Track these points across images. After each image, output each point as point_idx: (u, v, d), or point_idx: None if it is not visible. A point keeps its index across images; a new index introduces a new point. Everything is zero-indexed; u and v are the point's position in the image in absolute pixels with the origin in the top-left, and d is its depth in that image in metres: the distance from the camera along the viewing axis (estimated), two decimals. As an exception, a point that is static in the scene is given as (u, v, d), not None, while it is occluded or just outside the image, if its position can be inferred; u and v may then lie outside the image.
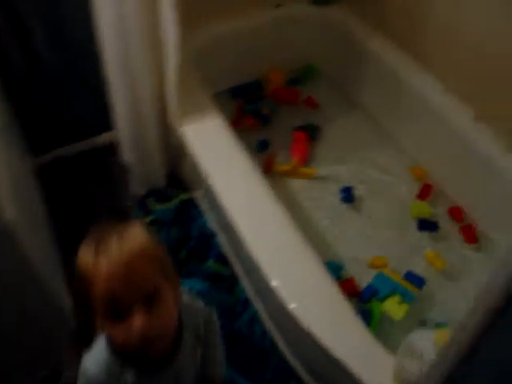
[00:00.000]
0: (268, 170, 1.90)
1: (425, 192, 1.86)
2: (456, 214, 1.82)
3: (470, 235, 1.77)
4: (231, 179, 1.56)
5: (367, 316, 1.55)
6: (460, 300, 1.63)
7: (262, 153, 1.99)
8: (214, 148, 1.64)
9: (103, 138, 2.09)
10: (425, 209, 1.81)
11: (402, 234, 1.79)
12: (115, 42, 1.47)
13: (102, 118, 1.90)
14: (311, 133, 2.04)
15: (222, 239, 1.78)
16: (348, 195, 1.87)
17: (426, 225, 1.78)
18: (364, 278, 1.66)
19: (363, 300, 1.60)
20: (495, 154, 1.64)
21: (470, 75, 1.66)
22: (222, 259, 1.76)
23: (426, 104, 1.82)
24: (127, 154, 1.87)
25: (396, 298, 1.58)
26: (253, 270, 1.45)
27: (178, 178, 1.94)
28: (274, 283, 1.33)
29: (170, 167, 1.92)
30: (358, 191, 1.90)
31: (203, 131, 1.67)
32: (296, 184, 1.92)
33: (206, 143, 1.65)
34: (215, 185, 1.55)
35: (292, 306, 1.29)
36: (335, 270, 1.65)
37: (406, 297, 1.58)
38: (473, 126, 1.68)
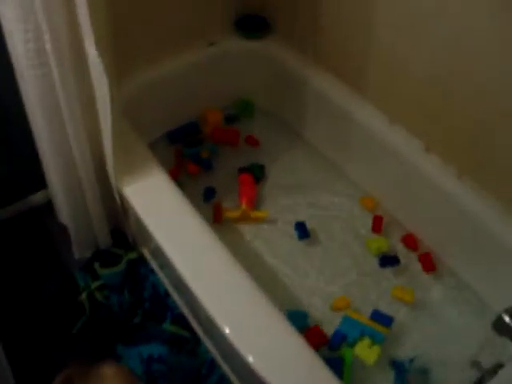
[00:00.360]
0: (217, 219, 1.82)
1: (377, 224, 1.84)
2: (410, 242, 1.80)
3: (427, 263, 1.75)
4: (178, 236, 1.46)
5: (339, 364, 1.50)
6: (429, 333, 1.62)
7: (210, 201, 1.91)
8: (158, 205, 1.52)
9: (39, 196, 1.96)
10: (382, 243, 1.78)
11: (362, 270, 1.76)
12: (41, 97, 1.35)
13: (34, 174, 1.78)
14: (256, 173, 1.97)
15: (176, 298, 1.69)
16: (302, 231, 1.82)
17: (388, 260, 1.75)
18: (330, 323, 1.61)
19: (333, 347, 1.55)
20: (445, 180, 1.64)
21: (417, 107, 1.65)
22: (180, 319, 1.66)
23: (372, 135, 1.80)
24: (64, 214, 1.75)
25: (366, 342, 1.53)
26: (211, 327, 1.36)
27: (123, 233, 1.83)
28: (234, 340, 1.24)
29: (113, 223, 1.81)
30: (312, 226, 1.85)
31: (145, 189, 1.55)
32: (249, 229, 1.85)
33: (149, 201, 1.53)
34: (163, 243, 1.45)
35: (251, 359, 1.20)
36: (300, 318, 1.60)
37: (375, 338, 1.54)
38: (423, 156, 1.68)
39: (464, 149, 1.58)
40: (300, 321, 1.58)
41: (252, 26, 2.05)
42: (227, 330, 1.25)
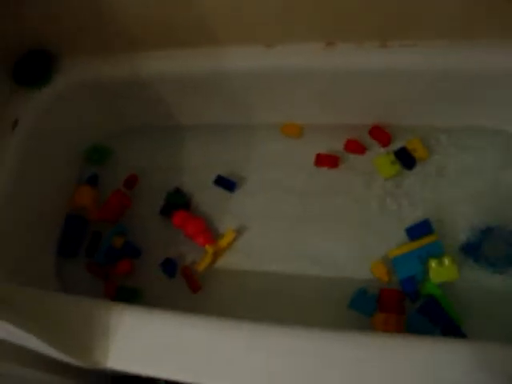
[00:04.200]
0: (195, 286, 1.47)
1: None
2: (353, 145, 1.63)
3: (384, 139, 1.61)
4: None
5: (435, 304, 1.33)
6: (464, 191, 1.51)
7: (175, 274, 1.51)
8: (145, 345, 1.09)
9: None
10: (389, 158, 1.58)
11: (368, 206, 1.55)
12: None
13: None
14: (179, 201, 1.59)
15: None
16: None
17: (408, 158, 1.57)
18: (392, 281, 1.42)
19: (413, 297, 1.37)
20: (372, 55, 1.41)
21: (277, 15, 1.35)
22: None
23: (260, 71, 1.49)
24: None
25: (433, 264, 1.36)
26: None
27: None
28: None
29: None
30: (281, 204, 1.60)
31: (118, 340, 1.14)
32: (231, 260, 1.52)
33: (135, 348, 1.10)
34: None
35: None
36: (362, 298, 1.39)
37: (436, 253, 1.37)
38: (328, 51, 1.41)
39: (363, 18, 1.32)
40: (366, 300, 1.38)
41: (34, 71, 1.52)
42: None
